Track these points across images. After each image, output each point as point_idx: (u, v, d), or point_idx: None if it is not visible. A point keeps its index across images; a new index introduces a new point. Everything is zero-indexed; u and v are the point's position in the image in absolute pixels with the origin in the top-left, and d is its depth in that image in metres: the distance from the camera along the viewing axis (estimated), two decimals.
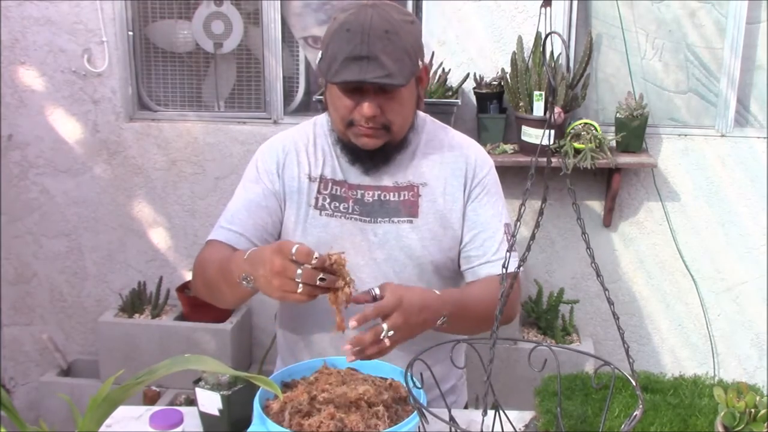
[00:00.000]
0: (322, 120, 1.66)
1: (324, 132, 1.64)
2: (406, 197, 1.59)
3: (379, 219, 1.58)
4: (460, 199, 1.60)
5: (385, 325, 1.31)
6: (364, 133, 1.50)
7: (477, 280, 1.59)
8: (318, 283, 1.25)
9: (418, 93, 1.57)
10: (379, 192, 1.59)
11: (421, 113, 1.65)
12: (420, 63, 1.50)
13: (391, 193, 1.59)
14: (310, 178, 1.60)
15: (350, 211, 1.58)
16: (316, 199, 1.60)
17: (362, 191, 1.59)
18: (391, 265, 1.58)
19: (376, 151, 1.54)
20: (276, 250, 1.28)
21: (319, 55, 1.50)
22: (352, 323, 1.29)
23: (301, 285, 1.25)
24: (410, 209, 1.58)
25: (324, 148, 1.63)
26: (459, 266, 1.64)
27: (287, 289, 1.27)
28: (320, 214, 1.59)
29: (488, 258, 1.58)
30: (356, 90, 1.46)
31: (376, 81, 1.41)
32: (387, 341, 1.31)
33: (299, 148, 1.63)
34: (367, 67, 1.40)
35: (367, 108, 1.46)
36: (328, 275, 1.27)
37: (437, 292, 1.43)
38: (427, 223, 1.58)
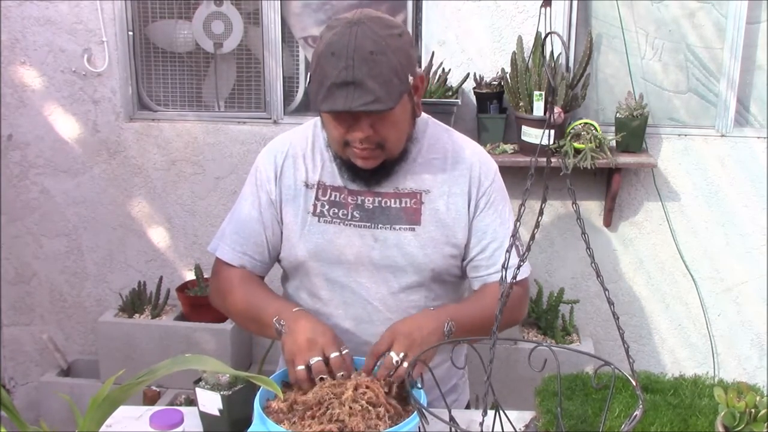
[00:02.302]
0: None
1: (324, 135, 1.61)
2: (408, 204, 1.57)
3: (380, 225, 1.57)
4: (464, 209, 1.58)
5: (392, 353, 1.36)
6: (360, 155, 1.48)
7: (482, 290, 1.61)
8: (317, 379, 1.34)
9: (415, 102, 1.52)
10: (380, 198, 1.57)
11: (423, 115, 1.61)
12: (410, 78, 1.44)
13: (392, 200, 1.57)
14: (307, 185, 1.59)
15: (350, 217, 1.57)
16: (314, 206, 1.58)
17: (362, 197, 1.57)
18: (392, 270, 1.57)
19: (375, 168, 1.53)
20: (321, 335, 1.38)
21: (308, 77, 1.46)
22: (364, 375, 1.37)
23: (304, 366, 1.35)
24: (412, 217, 1.57)
25: (323, 152, 1.61)
26: (464, 273, 1.64)
27: (295, 363, 1.36)
28: (319, 221, 1.58)
29: (497, 268, 1.57)
30: (347, 113, 1.42)
31: (362, 109, 1.37)
32: (405, 365, 1.36)
33: (297, 153, 1.61)
34: (354, 94, 1.36)
35: (358, 132, 1.44)
36: (329, 380, 1.34)
37: (431, 308, 1.53)
38: (429, 231, 1.57)
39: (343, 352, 1.37)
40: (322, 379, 1.33)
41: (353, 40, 1.37)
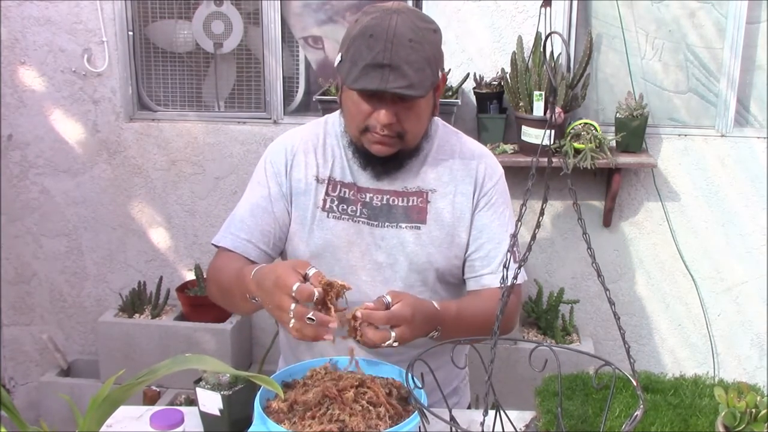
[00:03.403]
0: (333, 119, 1.64)
1: (335, 132, 1.62)
2: (415, 203, 1.58)
3: (386, 224, 1.57)
4: (468, 210, 1.59)
5: (393, 333, 1.34)
6: (377, 140, 1.49)
7: (477, 294, 1.60)
8: (306, 321, 1.27)
9: (435, 101, 1.55)
10: (387, 196, 1.58)
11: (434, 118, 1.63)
12: (440, 73, 1.49)
13: (399, 198, 1.58)
14: (317, 180, 1.59)
15: (358, 214, 1.57)
16: (324, 201, 1.58)
17: (370, 195, 1.58)
18: (396, 269, 1.57)
19: (388, 157, 1.53)
20: (277, 282, 1.29)
21: (339, 57, 1.47)
22: (358, 314, 1.33)
23: (293, 320, 1.28)
24: (418, 215, 1.57)
25: (334, 148, 1.61)
26: (463, 273, 1.64)
27: (282, 320, 1.30)
28: (327, 216, 1.58)
29: (492, 269, 1.57)
30: (374, 96, 1.44)
31: (397, 91, 1.39)
32: (393, 344, 1.35)
33: (308, 148, 1.61)
34: (389, 76, 1.39)
35: (384, 116, 1.45)
36: (318, 315, 1.28)
37: (437, 305, 1.46)
38: (433, 231, 1.57)
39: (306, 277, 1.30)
40: (311, 319, 1.26)
41: (393, 26, 1.40)
